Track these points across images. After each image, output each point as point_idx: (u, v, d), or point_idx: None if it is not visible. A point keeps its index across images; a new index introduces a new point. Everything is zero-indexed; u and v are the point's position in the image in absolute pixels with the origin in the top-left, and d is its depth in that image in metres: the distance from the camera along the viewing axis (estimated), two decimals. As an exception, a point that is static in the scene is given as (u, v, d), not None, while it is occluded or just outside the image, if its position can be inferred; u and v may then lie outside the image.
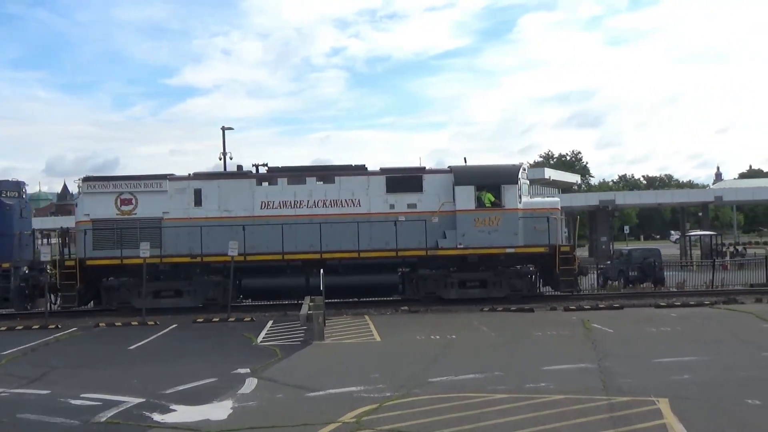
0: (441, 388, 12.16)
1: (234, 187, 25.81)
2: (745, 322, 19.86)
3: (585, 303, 24.31)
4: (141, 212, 25.43)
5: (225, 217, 25.48)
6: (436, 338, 18.18)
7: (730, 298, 24.68)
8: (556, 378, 12.71)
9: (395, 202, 25.79)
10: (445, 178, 26.07)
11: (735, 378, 12.45)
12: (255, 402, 11.56)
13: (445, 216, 25.57)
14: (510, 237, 25.37)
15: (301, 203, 25.72)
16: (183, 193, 25.70)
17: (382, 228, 25.30)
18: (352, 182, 25.97)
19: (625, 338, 17.55)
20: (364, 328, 20.25)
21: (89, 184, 25.71)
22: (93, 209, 25.40)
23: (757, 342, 16.43)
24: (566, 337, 17.95)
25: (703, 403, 10.69)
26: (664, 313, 22.49)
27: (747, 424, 9.55)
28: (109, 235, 25.10)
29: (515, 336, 18.32)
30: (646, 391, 11.27)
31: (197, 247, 24.86)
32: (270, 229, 24.95)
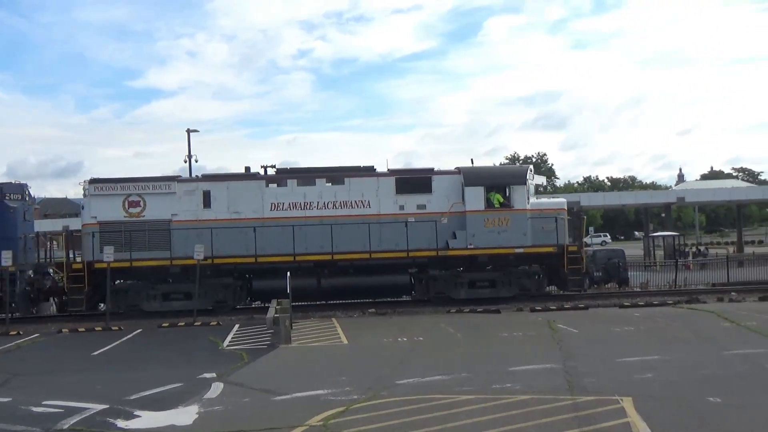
0: (408, 390, 12.18)
1: (243, 189, 25.71)
2: (706, 321, 20.17)
3: (551, 304, 24.51)
4: (149, 214, 25.24)
5: (234, 219, 25.38)
6: (403, 340, 18.20)
7: (693, 298, 25.05)
8: (522, 378, 12.81)
9: (405, 203, 25.90)
10: (453, 179, 26.24)
11: (697, 376, 12.65)
12: (221, 406, 11.47)
13: (454, 217, 25.75)
14: (519, 237, 25.63)
15: (310, 205, 25.68)
16: (192, 194, 25.56)
17: (391, 229, 25.43)
18: (362, 183, 26.01)
19: (590, 338, 17.74)
20: (331, 331, 20.21)
21: (96, 186, 25.40)
22: (100, 211, 25.10)
23: (719, 341, 16.69)
24: (532, 337, 18.09)
25: (666, 401, 10.84)
26: (628, 312, 22.76)
27: (708, 421, 9.71)
28: (117, 238, 24.79)
29: (482, 337, 18.42)
30: (610, 391, 11.41)
31: (206, 249, 24.52)
32: (280, 230, 24.99)
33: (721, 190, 71.90)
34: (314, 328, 21.06)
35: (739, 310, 21.95)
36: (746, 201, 78.69)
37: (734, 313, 21.31)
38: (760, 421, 9.66)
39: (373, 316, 23.93)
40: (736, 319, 19.84)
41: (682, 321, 20.39)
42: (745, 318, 20.08)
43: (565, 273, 25.83)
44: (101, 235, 24.78)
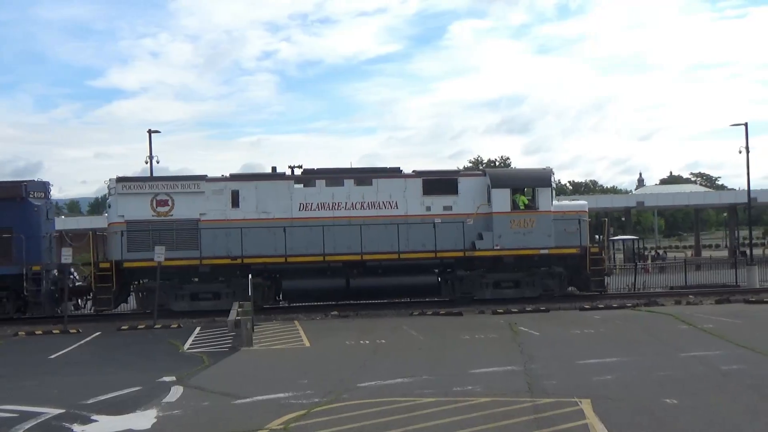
0: (369, 392, 12.16)
1: (272, 189, 25.77)
2: (664, 324, 20.49)
3: (513, 306, 24.68)
4: (177, 213, 25.19)
5: (263, 218, 25.41)
6: (365, 343, 18.19)
7: (651, 301, 25.44)
8: (483, 381, 12.87)
9: (431, 205, 26.22)
10: (479, 181, 26.79)
11: (654, 378, 12.83)
12: (180, 410, 11.34)
13: (480, 218, 26.21)
14: (544, 238, 26.10)
15: (338, 205, 25.85)
16: (220, 194, 25.57)
17: (418, 230, 25.73)
18: (390, 184, 26.27)
19: (551, 340, 17.89)
20: (294, 334, 20.13)
21: (124, 185, 25.27)
22: (128, 210, 24.99)
23: (676, 343, 16.96)
24: (494, 340, 18.20)
25: (624, 402, 10.98)
26: (588, 315, 23.03)
27: (664, 422, 9.85)
28: (145, 237, 24.77)
29: (444, 340, 18.47)
30: (570, 392, 11.52)
31: (235, 248, 24.80)
32: (308, 230, 25.10)
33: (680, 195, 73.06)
34: (276, 330, 20.96)
35: (696, 313, 22.34)
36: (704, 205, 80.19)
37: (691, 315, 21.68)
38: (714, 422, 9.83)
39: (335, 318, 23.88)
40: (693, 322, 20.19)
41: (641, 323, 20.70)
42: (701, 321, 20.44)
43: (587, 274, 26.44)
44: (128, 234, 24.67)
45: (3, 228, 23.64)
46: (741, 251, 51.01)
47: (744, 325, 19.64)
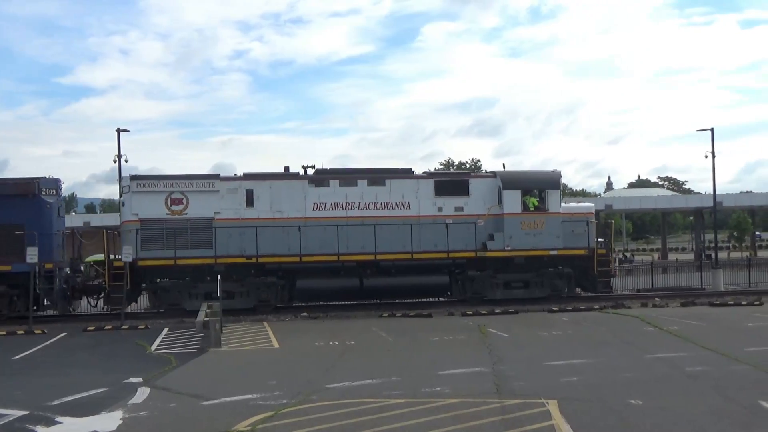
0: (338, 394, 12.15)
1: (286, 189, 25.85)
2: (631, 326, 20.73)
3: (482, 308, 24.81)
4: (192, 212, 25.13)
5: (277, 218, 25.50)
6: (335, 344, 18.16)
7: (618, 303, 25.72)
8: (451, 382, 12.92)
9: (443, 205, 26.47)
10: (490, 182, 27.09)
11: (620, 379, 12.98)
12: (146, 412, 11.23)
13: (490, 219, 26.53)
14: (553, 239, 26.56)
15: (352, 205, 25.99)
16: (235, 193, 25.56)
17: (430, 230, 25.96)
18: (402, 185, 26.48)
19: (519, 342, 18.01)
20: (263, 335, 20.04)
21: (138, 183, 25.20)
22: (142, 208, 24.90)
23: (641, 344, 17.16)
24: (463, 341, 18.27)
25: (590, 404, 11.09)
26: (557, 317, 23.22)
27: (629, 423, 9.97)
28: (159, 236, 24.67)
29: (413, 341, 18.51)
30: (537, 394, 11.61)
31: (249, 248, 24.84)
32: (322, 230, 25.28)
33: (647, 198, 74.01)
34: (245, 331, 20.85)
35: (662, 315, 22.64)
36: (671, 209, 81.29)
37: (657, 318, 21.97)
38: (679, 423, 9.96)
39: (305, 320, 23.82)
40: (658, 324, 20.45)
41: (608, 325, 20.91)
42: (667, 323, 20.71)
43: (594, 275, 26.96)
44: (143, 232, 24.59)
45: (15, 225, 23.42)
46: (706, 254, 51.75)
47: (708, 328, 19.94)
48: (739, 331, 19.41)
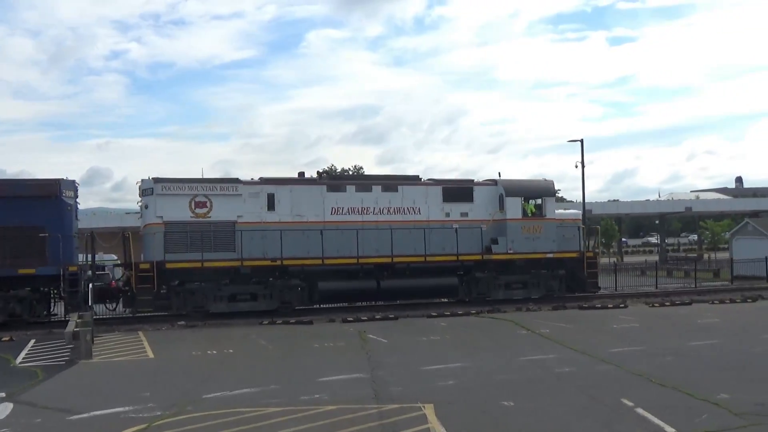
0: (215, 404, 11.93)
1: (306, 193, 26.54)
2: (505, 329, 21.40)
3: (363, 314, 24.96)
4: (215, 215, 25.36)
5: (297, 221, 26.07)
6: (212, 353, 17.81)
7: (494, 308, 26.46)
8: (330, 389, 12.94)
9: (450, 211, 27.90)
10: (491, 189, 28.67)
11: (494, 382, 13.39)
12: (9, 429, 10.65)
13: (492, 224, 28.16)
14: (549, 243, 28.54)
15: (367, 210, 27.00)
16: (257, 197, 25.96)
17: (439, 234, 27.34)
18: (413, 191, 27.73)
19: (398, 348, 18.23)
20: (137, 345, 19.39)
21: (163, 185, 25.14)
22: (166, 211, 24.88)
23: (514, 347, 17.75)
24: (342, 348, 18.33)
25: (464, 406, 11.38)
26: (435, 322, 23.65)
27: (501, 424, 10.31)
28: (183, 238, 24.81)
29: (293, 348, 18.40)
30: (414, 398, 11.81)
31: (270, 250, 25.31)
32: (339, 234, 26.13)
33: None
34: (118, 342, 20.10)
35: (534, 319, 23.48)
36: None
37: (530, 321, 22.77)
38: (547, 422, 10.39)
39: (182, 328, 23.22)
40: (531, 327, 21.21)
41: (484, 330, 21.51)
42: (539, 326, 21.51)
43: (584, 276, 28.94)
44: (167, 235, 24.59)
45: (36, 227, 22.79)
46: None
47: (577, 330, 20.85)
48: (605, 332, 20.40)
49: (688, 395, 11.76)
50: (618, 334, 19.93)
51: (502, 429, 10.09)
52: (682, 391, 12.08)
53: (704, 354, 16.27)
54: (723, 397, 11.51)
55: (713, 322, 22.14)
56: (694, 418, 10.32)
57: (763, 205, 71.29)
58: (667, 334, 19.73)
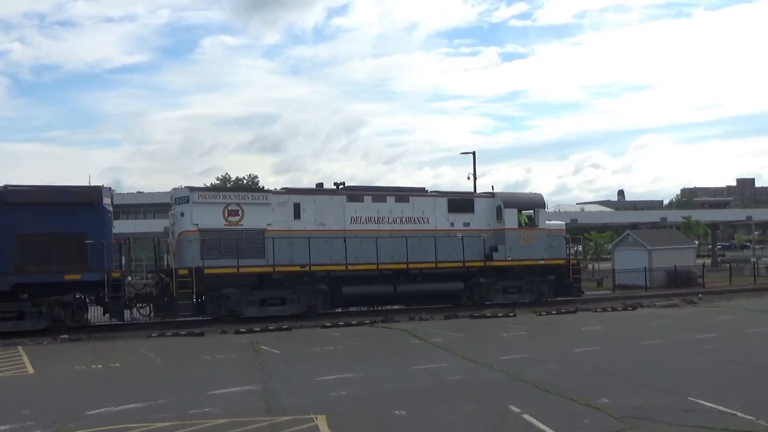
0: (99, 420, 11.48)
1: (328, 203, 28.27)
2: (398, 339, 21.62)
3: (255, 326, 24.67)
4: (247, 223, 26.69)
5: (321, 230, 27.74)
6: (97, 368, 17.16)
7: (388, 317, 26.70)
8: (221, 402, 12.70)
9: (454, 221, 30.27)
10: (489, 201, 31.27)
11: (386, 391, 13.47)
12: None
13: (492, 233, 30.80)
14: (541, 251, 31.31)
15: (382, 219, 29.01)
16: (284, 206, 27.46)
17: (445, 242, 29.54)
18: (423, 202, 29.99)
19: (292, 359, 18.11)
20: (15, 360, 18.45)
21: (199, 194, 26.56)
22: (202, 219, 26.06)
23: (407, 356, 17.95)
24: (235, 360, 18.04)
25: (357, 416, 11.41)
26: (329, 332, 23.64)
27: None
28: (216, 245, 25.91)
29: (183, 361, 17.98)
30: (307, 409, 11.74)
31: (297, 257, 26.91)
32: (358, 241, 27.96)
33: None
34: (-5, 357, 19.08)
35: (427, 328, 23.83)
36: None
37: (423, 330, 23.10)
38: (439, 430, 10.55)
39: (66, 342, 22.27)
40: (424, 337, 21.51)
41: (377, 339, 21.66)
42: (431, 335, 21.84)
43: (570, 281, 31.81)
44: (202, 242, 25.67)
45: (79, 233, 23.33)
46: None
47: (468, 339, 21.29)
48: (495, 341, 20.92)
49: (572, 400, 12.19)
50: (507, 342, 20.47)
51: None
52: (566, 396, 12.52)
53: (587, 360, 16.92)
54: (604, 401, 11.99)
55: (596, 330, 23.08)
56: (577, 423, 10.71)
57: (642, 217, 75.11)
58: (552, 342, 20.43)
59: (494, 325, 25.05)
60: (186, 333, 23.34)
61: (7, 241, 22.57)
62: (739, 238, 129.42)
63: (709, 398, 12.07)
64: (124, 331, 23.80)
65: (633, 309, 30.01)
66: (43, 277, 22.90)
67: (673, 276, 41.64)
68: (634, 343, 19.75)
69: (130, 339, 22.61)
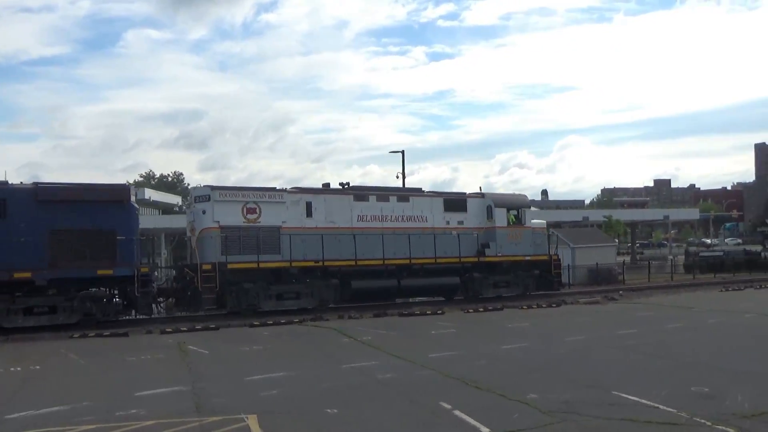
0: (20, 425, 11.07)
1: (337, 202, 29.70)
2: (328, 337, 21.57)
3: (182, 325, 24.23)
4: (264, 221, 27.88)
5: (330, 227, 29.06)
6: (16, 370, 16.53)
7: (317, 316, 26.61)
8: (148, 403, 12.42)
9: (449, 220, 32.09)
10: (480, 201, 33.19)
11: (318, 390, 13.41)
12: None
13: (483, 231, 32.74)
14: (527, 248, 33.42)
15: (386, 217, 30.49)
16: (297, 204, 28.76)
17: (442, 239, 31.20)
18: (422, 202, 31.76)
19: (220, 358, 17.87)
20: (-72, 364, 17.63)
21: (220, 193, 27.55)
22: (223, 216, 27.14)
23: (338, 355, 17.92)
24: (161, 360, 17.69)
25: (288, 416, 11.33)
26: (258, 331, 23.41)
27: (324, 431, 10.35)
28: (236, 241, 26.87)
29: (107, 362, 17.52)
30: (237, 410, 11.59)
31: (309, 253, 28.12)
32: (364, 238, 29.38)
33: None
34: None
35: (356, 326, 23.85)
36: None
37: (353, 329, 23.10)
38: (369, 428, 10.57)
39: (-19, 344, 21.41)
40: (353, 335, 21.52)
41: (307, 338, 21.56)
42: (361, 333, 21.88)
43: (551, 276, 33.83)
44: (223, 238, 26.59)
45: (109, 230, 24.13)
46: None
47: (397, 336, 21.41)
48: (425, 338, 21.09)
49: (501, 396, 12.39)
50: (436, 340, 20.66)
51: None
52: (495, 392, 12.71)
53: (515, 357, 17.22)
54: (532, 396, 12.22)
55: (523, 327, 23.52)
56: (507, 418, 10.88)
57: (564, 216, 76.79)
58: (481, 339, 20.72)
59: (423, 323, 25.22)
60: (110, 333, 22.73)
61: (39, 238, 23.11)
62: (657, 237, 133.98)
63: (633, 392, 12.44)
64: (43, 332, 23.02)
65: (557, 306, 30.71)
66: (77, 272, 23.72)
67: (595, 273, 42.76)
68: (559, 339, 20.20)
69: (51, 340, 21.92)
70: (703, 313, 26.73)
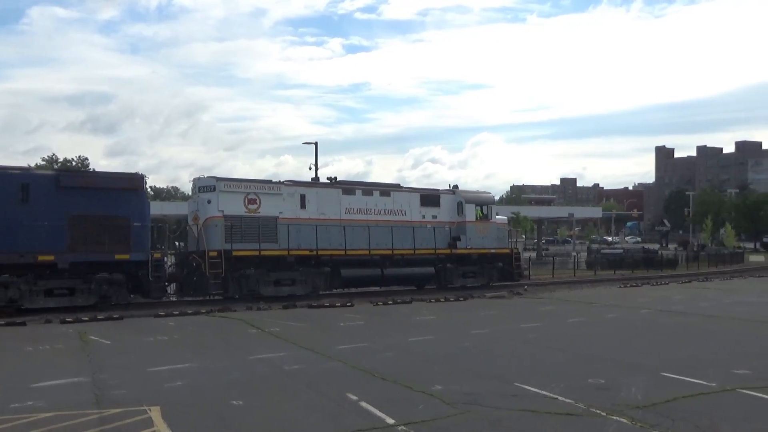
0: None
1: (327, 195, 31.79)
2: (236, 329, 21.34)
3: (83, 315, 23.52)
4: (263, 211, 29.60)
5: (322, 219, 31.02)
6: None
7: (225, 307, 26.29)
8: (46, 395, 12.03)
9: (425, 214, 34.58)
10: (451, 197, 35.84)
11: (223, 381, 13.28)
12: None
13: (455, 225, 35.33)
14: (492, 241, 36.45)
15: (370, 211, 32.78)
16: (292, 197, 30.60)
17: (420, 232, 33.86)
18: (401, 197, 34.17)
19: (123, 349, 17.44)
20: None
21: (225, 184, 29.16)
22: (227, 206, 28.67)
23: (245, 346, 17.77)
24: (60, 350, 17.13)
25: (193, 407, 11.18)
26: (163, 322, 22.96)
27: (229, 423, 10.28)
28: (238, 230, 28.40)
29: (3, 353, 16.80)
30: (139, 401, 11.37)
31: (304, 242, 30.12)
32: (351, 229, 31.54)
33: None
34: None
35: (265, 318, 23.70)
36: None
37: (261, 320, 22.94)
38: (276, 419, 10.55)
39: None
40: (261, 326, 21.37)
41: (214, 329, 21.28)
42: (269, 324, 21.75)
43: (512, 268, 36.70)
44: (226, 227, 28.07)
45: (123, 217, 25.26)
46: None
47: (306, 328, 21.38)
48: (333, 330, 21.14)
49: (407, 388, 12.57)
50: (344, 332, 20.75)
51: (231, 428, 10.06)
52: (401, 384, 12.88)
53: (421, 349, 17.46)
54: (437, 388, 12.45)
55: (430, 319, 23.87)
56: (412, 409, 11.05)
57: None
58: (388, 331, 20.94)
59: (332, 314, 25.28)
60: (5, 323, 21.84)
61: (60, 222, 24.17)
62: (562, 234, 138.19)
63: (534, 384, 12.83)
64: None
65: (464, 300, 31.27)
66: (95, 257, 24.86)
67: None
68: (465, 332, 20.60)
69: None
70: (603, 309, 27.75)
